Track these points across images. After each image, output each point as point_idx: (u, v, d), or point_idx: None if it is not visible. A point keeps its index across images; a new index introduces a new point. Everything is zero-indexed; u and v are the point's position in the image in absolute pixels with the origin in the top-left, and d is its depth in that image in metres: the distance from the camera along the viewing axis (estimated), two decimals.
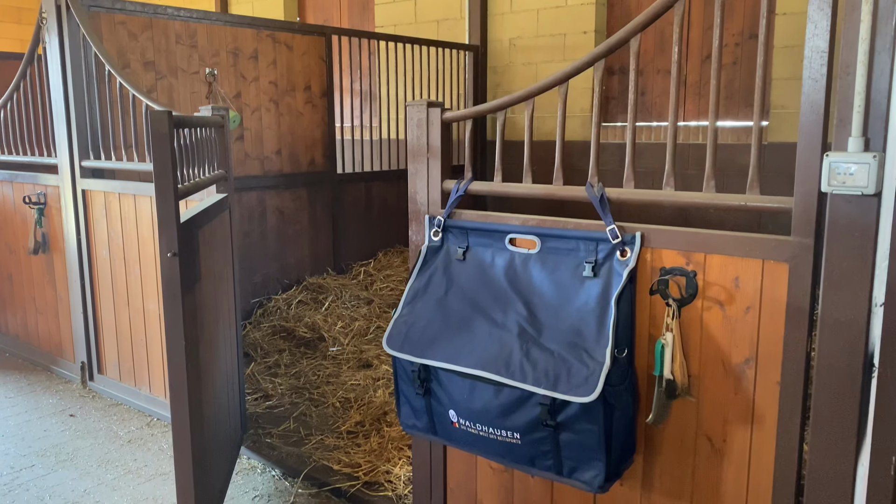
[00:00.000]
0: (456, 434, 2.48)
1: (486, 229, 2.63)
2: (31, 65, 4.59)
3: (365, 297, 5.76)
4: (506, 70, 7.03)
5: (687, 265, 2.20)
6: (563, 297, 2.38)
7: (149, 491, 3.30)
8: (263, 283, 5.60)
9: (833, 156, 1.83)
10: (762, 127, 2.06)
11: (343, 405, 4.21)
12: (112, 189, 4.13)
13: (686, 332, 2.23)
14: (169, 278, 2.40)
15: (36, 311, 4.98)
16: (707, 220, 5.69)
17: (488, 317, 2.47)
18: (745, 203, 2.08)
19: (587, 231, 2.37)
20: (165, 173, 2.35)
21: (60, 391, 4.55)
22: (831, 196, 1.87)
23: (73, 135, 4.28)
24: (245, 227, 5.40)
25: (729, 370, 2.17)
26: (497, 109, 2.57)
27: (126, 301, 4.18)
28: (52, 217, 4.64)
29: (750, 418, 2.16)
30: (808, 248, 1.98)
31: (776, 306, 2.06)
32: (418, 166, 2.80)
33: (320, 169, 5.93)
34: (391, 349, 2.54)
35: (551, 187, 2.50)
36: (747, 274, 2.10)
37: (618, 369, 2.20)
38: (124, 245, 4.11)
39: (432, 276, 2.68)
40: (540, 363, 2.24)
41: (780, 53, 5.43)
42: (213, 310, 2.99)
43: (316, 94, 5.82)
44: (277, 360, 4.90)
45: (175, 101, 4.87)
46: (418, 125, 2.77)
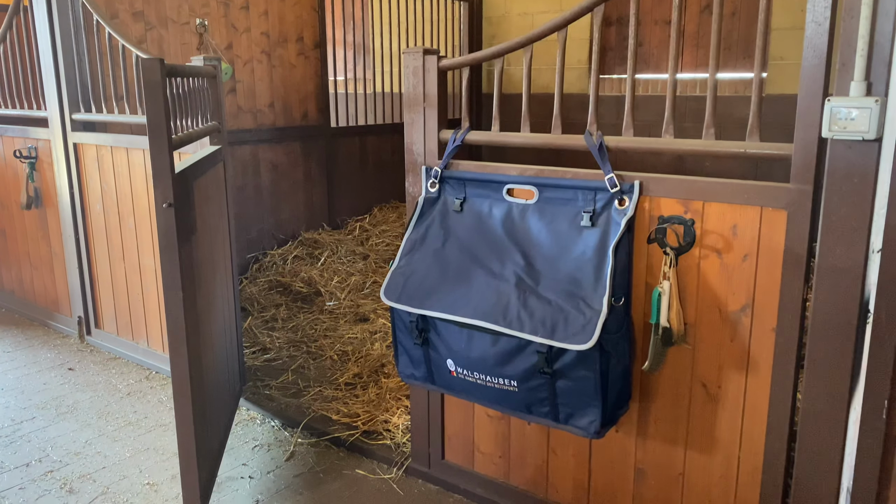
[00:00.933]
0: (454, 383, 2.51)
1: (483, 180, 2.61)
2: (17, 15, 4.49)
3: (361, 253, 5.77)
4: (501, 21, 6.92)
5: (685, 214, 2.20)
6: (561, 246, 2.38)
7: (149, 441, 3.34)
8: (259, 238, 5.59)
9: (834, 101, 1.81)
10: (763, 60, 2.04)
11: (341, 358, 4.24)
12: (104, 142, 4.08)
13: (683, 281, 2.23)
14: (165, 229, 2.38)
15: (31, 267, 4.97)
16: (706, 171, 5.67)
17: (486, 267, 2.47)
18: (745, 150, 2.06)
19: (585, 180, 2.36)
20: (159, 123, 2.32)
21: (58, 346, 4.57)
22: (831, 142, 1.86)
23: (62, 87, 4.21)
24: (239, 181, 5.36)
25: (725, 317, 2.19)
26: (495, 56, 2.53)
27: (121, 255, 4.17)
28: (44, 171, 4.59)
29: (745, 365, 2.18)
30: (806, 195, 1.98)
31: (773, 254, 2.07)
32: (414, 116, 2.77)
33: (314, 122, 5.87)
34: (389, 300, 2.55)
35: (549, 136, 2.48)
36: (745, 221, 2.10)
37: (614, 317, 2.21)
38: (118, 199, 4.08)
39: (429, 227, 2.67)
40: (537, 312, 2.25)
41: (779, 3, 5.35)
42: (209, 262, 2.99)
43: (308, 45, 5.72)
44: (274, 315, 4.91)
45: (165, 53, 4.78)
46: (414, 73, 2.73)
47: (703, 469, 2.32)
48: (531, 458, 2.70)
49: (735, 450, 2.25)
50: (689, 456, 2.34)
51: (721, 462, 2.28)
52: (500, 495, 2.80)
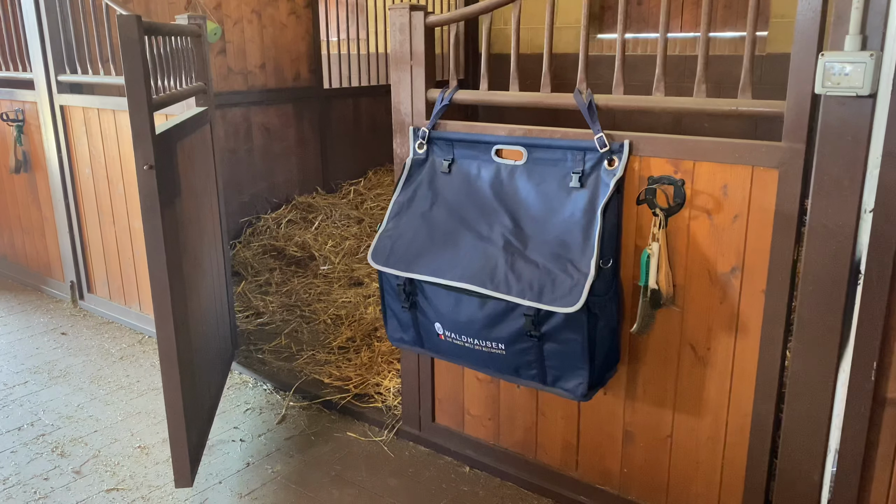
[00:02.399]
0: (442, 346, 2.49)
1: (471, 140, 2.56)
2: None
3: (355, 217, 5.72)
4: None
5: (675, 173, 2.16)
6: (549, 208, 2.34)
7: (141, 405, 3.34)
8: (252, 202, 5.54)
9: (828, 55, 1.76)
10: (757, 36, 1.98)
11: (334, 322, 4.23)
12: (91, 104, 4.01)
13: (672, 242, 2.20)
14: (146, 192, 2.34)
15: (22, 232, 4.94)
16: (700, 131, 5.59)
17: (473, 230, 2.44)
18: (737, 108, 2.01)
19: (574, 140, 2.31)
20: (137, 82, 2.26)
21: (51, 310, 4.56)
22: (825, 98, 1.81)
23: (46, 48, 4.12)
24: (231, 144, 5.29)
25: (714, 279, 2.16)
26: (483, 12, 2.46)
27: (112, 219, 4.13)
28: (32, 135, 4.53)
29: (734, 327, 2.16)
30: (798, 154, 1.93)
31: (764, 214, 2.03)
32: (401, 75, 2.70)
33: (306, 84, 5.78)
34: (376, 264, 2.52)
35: (539, 95, 2.42)
36: (736, 181, 2.06)
37: (602, 280, 2.18)
38: (106, 162, 4.03)
39: (417, 189, 2.63)
40: (525, 275, 2.23)
41: None
42: (196, 226, 2.95)
43: (300, 4, 5.60)
44: (268, 279, 4.89)
45: (152, 13, 4.68)
46: (401, 30, 2.66)
47: (692, 431, 2.31)
48: (520, 421, 2.70)
49: (723, 412, 2.24)
50: (678, 418, 2.33)
51: (709, 424, 2.27)
52: (490, 457, 2.80)
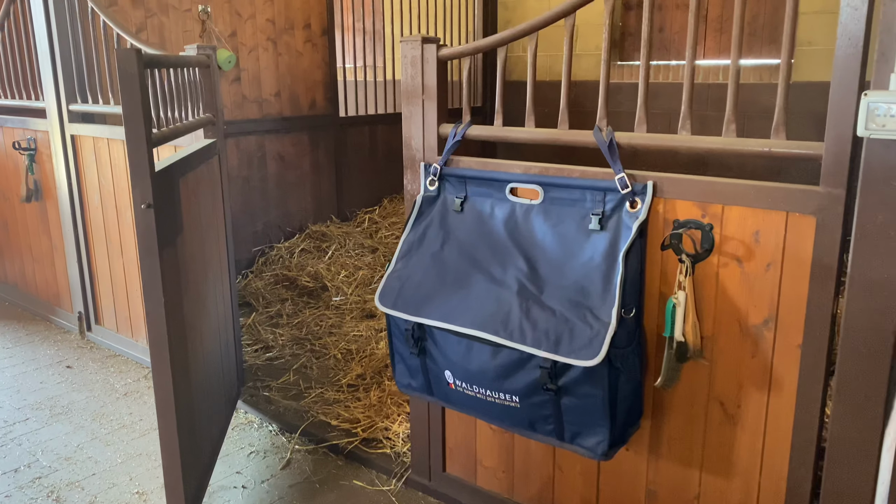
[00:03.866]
0: (452, 395, 2.35)
1: (485, 178, 2.44)
2: (14, 4, 4.36)
3: (369, 246, 5.62)
4: (517, 6, 6.69)
5: (702, 217, 2.01)
6: (568, 251, 2.20)
7: (142, 446, 3.23)
8: (265, 231, 5.45)
9: (872, 95, 1.61)
10: (792, 46, 1.84)
11: (345, 357, 4.10)
12: (101, 134, 3.95)
13: (700, 291, 2.05)
14: (144, 232, 2.24)
15: (33, 260, 4.88)
16: (726, 165, 5.43)
17: (486, 272, 2.30)
18: (770, 149, 1.87)
19: (594, 180, 2.17)
20: (136, 117, 2.17)
21: (58, 342, 4.48)
22: (868, 141, 1.66)
23: (59, 77, 4.08)
24: (244, 172, 5.22)
25: (746, 331, 2.00)
26: (497, 45, 2.35)
27: (120, 250, 4.05)
28: (44, 164, 4.48)
29: (767, 383, 1.99)
30: (838, 200, 1.78)
31: (800, 263, 1.87)
32: (413, 109, 2.59)
33: (322, 112, 5.71)
34: (384, 306, 2.39)
35: (556, 132, 2.29)
36: (769, 227, 1.91)
37: (624, 330, 2.04)
38: (115, 192, 3.96)
39: (428, 228, 2.51)
40: (540, 323, 2.08)
41: None
42: (200, 262, 2.85)
43: (316, 32, 5.55)
44: (279, 310, 4.79)
45: (166, 41, 4.64)
46: (412, 63, 2.55)
47: (720, 493, 2.14)
48: (536, 475, 2.54)
49: (755, 474, 2.07)
50: (705, 479, 2.16)
51: (739, 487, 2.10)
52: None
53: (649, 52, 2.09)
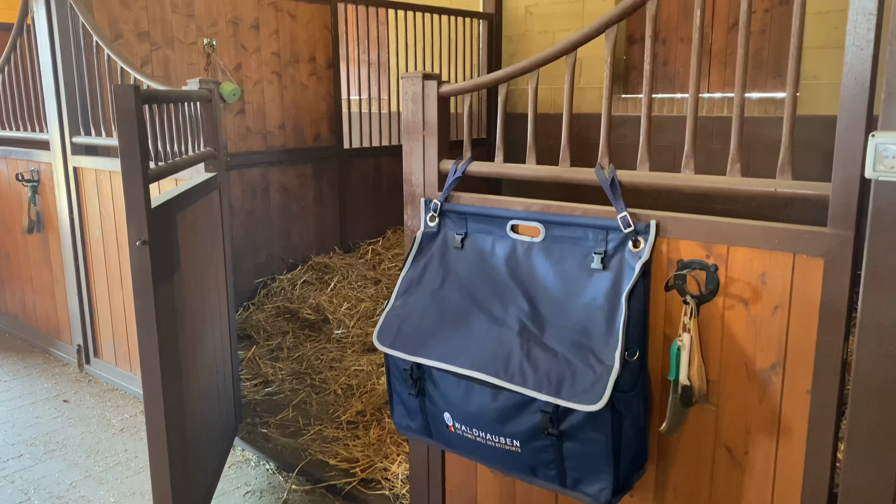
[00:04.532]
0: (452, 438, 2.28)
1: (486, 214, 2.40)
2: (21, 36, 4.40)
3: (372, 278, 5.58)
4: (521, 39, 6.72)
5: (707, 258, 1.96)
6: (569, 290, 2.16)
7: (136, 485, 3.16)
8: (267, 262, 5.43)
9: (880, 136, 1.57)
10: (797, 92, 1.80)
11: (345, 392, 4.04)
12: (103, 167, 3.95)
13: (705, 333, 1.99)
14: (139, 269, 2.21)
15: (34, 292, 4.86)
16: (732, 198, 5.39)
17: (487, 311, 2.25)
18: (775, 189, 1.82)
19: (596, 218, 2.13)
20: (132, 154, 2.15)
21: (56, 375, 4.43)
22: (876, 183, 1.62)
23: (63, 110, 4.09)
24: (248, 204, 5.21)
25: (753, 376, 1.94)
26: (498, 82, 2.33)
27: (120, 283, 4.02)
28: (46, 195, 4.48)
29: (776, 430, 1.93)
30: (847, 242, 1.73)
31: (808, 306, 1.82)
32: (413, 145, 2.57)
33: (326, 144, 5.71)
34: (382, 345, 2.34)
35: (557, 169, 2.26)
36: (776, 269, 1.86)
37: (628, 373, 1.98)
38: (116, 225, 3.94)
39: (428, 264, 2.47)
40: (542, 365, 2.03)
41: (812, 20, 5.07)
42: (197, 297, 2.81)
43: (321, 65, 5.58)
44: (280, 343, 4.73)
45: (171, 74, 4.66)
46: (413, 99, 2.53)
47: None
48: None
49: None
50: None
51: None
52: None
53: (651, 90, 2.06)
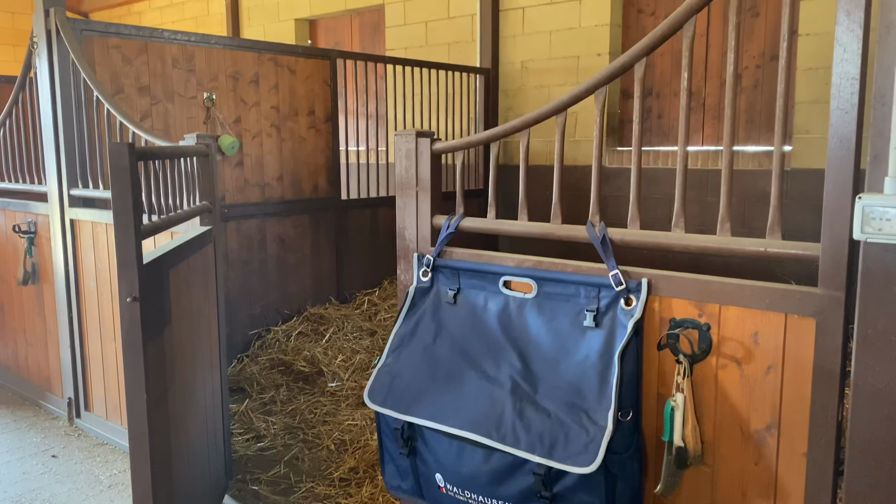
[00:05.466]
0: (444, 500, 2.24)
1: (478, 270, 2.40)
2: (23, 91, 4.46)
3: (368, 329, 5.54)
4: (518, 93, 6.83)
5: (699, 317, 1.96)
6: (562, 348, 2.14)
7: None
8: (262, 313, 5.39)
9: (867, 198, 1.58)
10: (784, 155, 1.81)
11: (338, 448, 3.97)
12: (100, 219, 3.96)
13: (699, 393, 1.97)
14: (129, 325, 2.19)
15: (26, 343, 4.82)
16: (725, 254, 5.40)
17: (479, 368, 2.23)
18: (766, 249, 1.83)
19: (588, 276, 2.13)
20: (125, 211, 2.16)
21: (46, 429, 4.36)
22: (865, 244, 1.62)
23: (61, 163, 4.13)
24: (244, 255, 5.21)
25: (748, 437, 1.91)
26: (490, 140, 2.35)
27: (113, 336, 3.99)
28: (42, 247, 4.48)
29: (772, 493, 1.89)
30: (838, 302, 1.73)
31: (801, 367, 1.80)
32: (407, 200, 2.58)
33: (324, 195, 5.74)
34: (373, 403, 2.32)
35: (549, 226, 2.27)
36: (768, 329, 1.85)
37: (622, 434, 1.95)
38: (111, 277, 3.93)
39: (420, 320, 2.46)
40: (534, 425, 2.00)
41: (802, 76, 5.17)
42: (188, 353, 2.78)
43: (320, 118, 5.65)
44: (273, 397, 4.67)
45: (171, 127, 4.72)
46: (407, 156, 2.56)
47: None
48: None
49: None
50: None
51: None
52: None
53: (640, 155, 2.08)
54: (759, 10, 5.47)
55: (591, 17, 6.20)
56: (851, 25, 1.66)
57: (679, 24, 1.91)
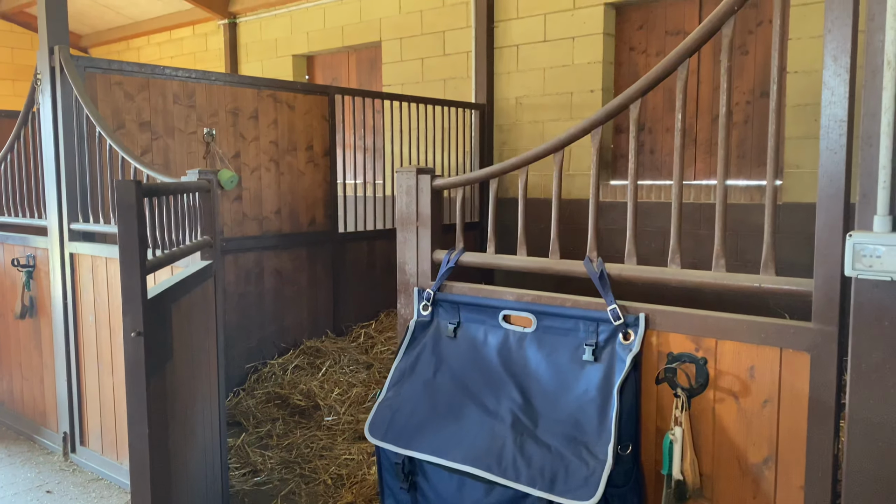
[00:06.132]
0: None
1: (478, 304, 2.44)
2: (26, 126, 4.52)
3: (364, 362, 5.54)
4: (512, 128, 6.94)
5: (696, 351, 1.99)
6: (562, 382, 2.17)
7: None
8: (259, 346, 5.40)
9: (857, 236, 1.63)
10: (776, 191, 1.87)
11: (335, 482, 3.95)
12: (99, 253, 3.99)
13: (697, 426, 2.00)
14: (133, 360, 2.21)
15: (22, 377, 4.80)
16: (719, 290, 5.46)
17: (479, 403, 2.26)
18: (760, 285, 1.87)
19: (587, 310, 2.17)
20: (131, 246, 2.19)
21: (40, 464, 4.33)
22: (856, 280, 1.67)
23: (62, 197, 4.16)
24: (241, 288, 5.23)
25: (746, 470, 1.94)
26: (489, 177, 2.41)
27: (111, 370, 3.99)
28: (41, 280, 4.49)
29: None
30: (831, 337, 1.77)
31: (797, 401, 1.84)
32: (407, 235, 2.63)
33: (321, 228, 5.79)
34: (374, 438, 2.33)
35: (547, 261, 2.31)
36: (764, 363, 1.88)
37: (621, 468, 1.97)
38: (110, 311, 3.94)
39: (420, 354, 2.48)
40: (535, 459, 2.02)
41: (792, 112, 5.28)
42: (188, 387, 2.80)
43: (318, 153, 5.72)
44: (270, 431, 4.66)
45: (171, 162, 4.77)
46: (408, 192, 2.61)
47: None
48: None
49: None
50: None
51: None
52: None
53: (636, 193, 2.14)
54: (749, 49, 5.61)
55: (584, 54, 6.33)
56: (838, 70, 1.73)
57: (672, 67, 1.98)
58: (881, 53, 1.60)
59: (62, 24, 4.21)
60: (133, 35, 10.89)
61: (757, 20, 5.59)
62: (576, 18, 6.36)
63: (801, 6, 5.09)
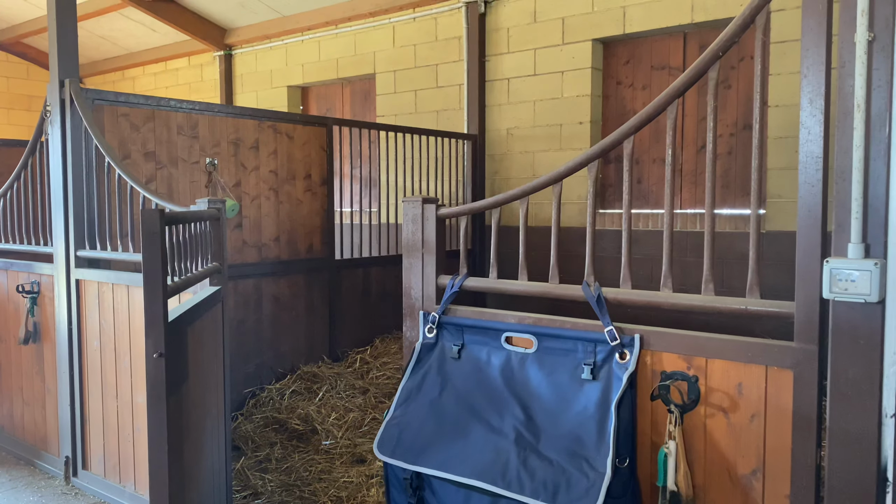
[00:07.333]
0: None
1: (481, 327, 2.57)
2: (34, 156, 4.64)
3: (360, 387, 5.63)
4: (503, 158, 7.13)
5: (688, 369, 2.14)
6: (562, 400, 2.30)
7: None
8: (257, 372, 5.49)
9: (833, 262, 1.79)
10: (759, 220, 2.04)
11: None
12: (106, 279, 4.09)
13: (689, 440, 2.13)
14: (154, 381, 2.32)
15: (23, 403, 4.86)
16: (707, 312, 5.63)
17: (484, 420, 2.38)
18: (746, 307, 2.03)
19: (585, 332, 2.31)
20: (155, 273, 2.31)
21: (42, 488, 4.38)
22: (833, 302, 1.83)
23: (69, 224, 4.27)
24: (240, 315, 5.33)
25: (735, 481, 2.07)
26: (492, 207, 2.56)
27: (115, 394, 4.07)
28: (45, 306, 4.58)
29: None
30: (812, 355, 1.92)
31: (782, 415, 1.98)
32: (413, 261, 2.77)
33: (318, 255, 5.92)
34: (382, 455, 2.45)
35: (547, 286, 2.46)
36: (751, 380, 2.03)
37: (619, 480, 2.10)
38: (115, 336, 4.04)
39: (426, 375, 2.61)
40: (538, 472, 2.15)
41: (773, 144, 5.51)
42: (199, 408, 2.90)
43: (316, 182, 5.87)
44: (268, 455, 4.73)
45: (174, 190, 4.90)
46: (413, 220, 2.75)
47: None
48: None
49: None
50: None
51: None
52: None
53: (630, 221, 2.30)
54: (731, 84, 5.84)
55: (573, 88, 6.55)
56: (814, 111, 1.90)
57: (663, 107, 2.15)
58: (851, 97, 1.78)
59: (72, 58, 4.36)
60: (129, 65, 11.06)
61: (739, 56, 5.84)
62: (565, 53, 6.60)
63: (780, 44, 5.34)
